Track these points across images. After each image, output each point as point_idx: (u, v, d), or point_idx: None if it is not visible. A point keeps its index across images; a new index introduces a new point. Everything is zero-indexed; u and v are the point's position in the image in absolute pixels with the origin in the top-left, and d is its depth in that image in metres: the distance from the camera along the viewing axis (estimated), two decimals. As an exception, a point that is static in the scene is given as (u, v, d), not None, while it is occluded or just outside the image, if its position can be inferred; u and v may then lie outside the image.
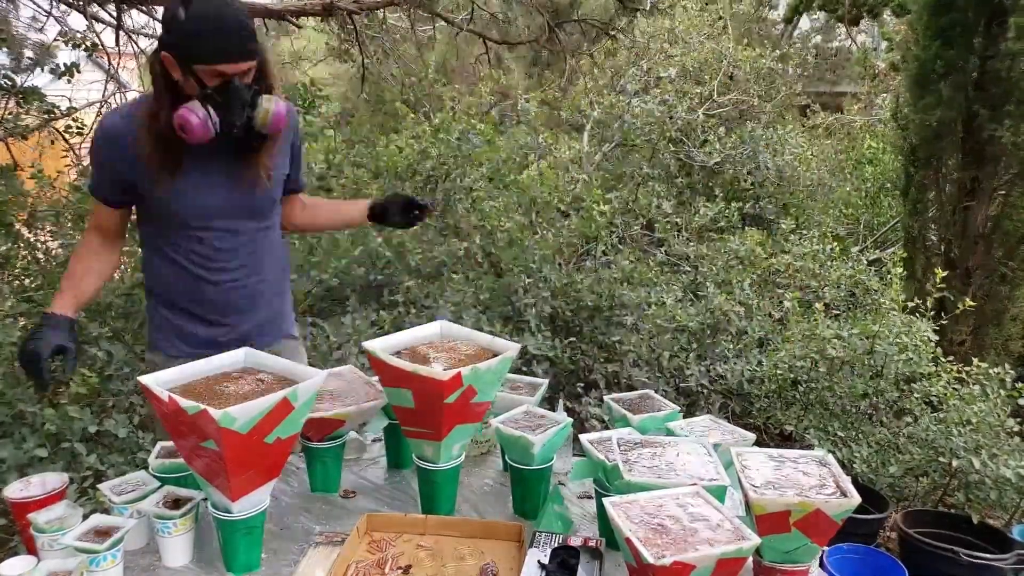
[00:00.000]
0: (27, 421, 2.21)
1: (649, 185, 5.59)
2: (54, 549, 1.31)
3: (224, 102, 1.58)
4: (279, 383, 1.38)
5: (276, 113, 1.64)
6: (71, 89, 4.07)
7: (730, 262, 4.63)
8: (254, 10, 5.03)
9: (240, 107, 1.60)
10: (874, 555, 2.97)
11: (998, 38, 4.29)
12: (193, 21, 1.51)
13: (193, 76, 1.56)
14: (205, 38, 1.52)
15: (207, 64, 1.54)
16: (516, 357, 1.53)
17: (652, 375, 3.71)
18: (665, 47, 6.99)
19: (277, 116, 1.65)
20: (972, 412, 3.24)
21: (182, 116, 1.55)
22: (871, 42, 14.36)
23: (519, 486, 1.61)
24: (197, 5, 1.51)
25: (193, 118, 1.55)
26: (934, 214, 4.76)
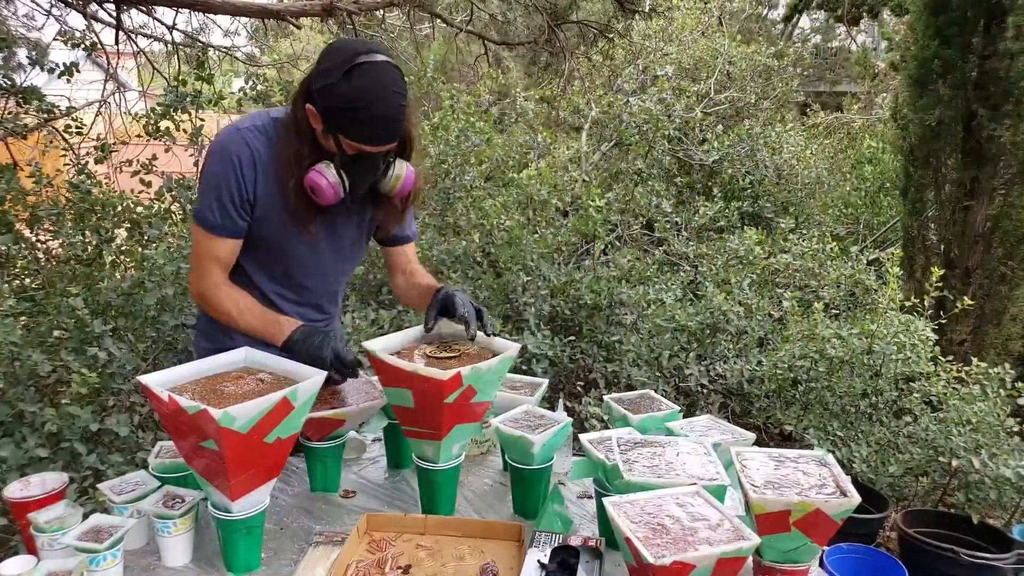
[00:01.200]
0: (27, 421, 2.21)
1: (648, 184, 5.58)
2: (54, 549, 1.31)
3: (359, 172, 1.59)
4: (279, 383, 1.38)
5: (405, 179, 1.65)
6: (70, 89, 4.06)
7: (729, 261, 4.63)
8: (256, 11, 5.03)
9: (372, 177, 1.61)
10: (874, 555, 2.97)
11: (997, 37, 4.29)
12: (350, 96, 1.46)
13: (335, 140, 1.54)
14: (357, 118, 1.49)
15: (351, 141, 1.52)
16: (516, 356, 1.53)
17: (652, 375, 3.71)
18: (661, 45, 6.99)
19: (405, 183, 1.65)
20: (972, 412, 3.24)
21: (312, 180, 1.56)
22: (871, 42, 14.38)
23: (519, 486, 1.61)
24: (358, 81, 1.46)
25: (323, 182, 1.55)
26: (933, 214, 4.76)
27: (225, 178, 1.59)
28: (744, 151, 6.53)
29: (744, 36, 8.37)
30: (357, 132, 1.51)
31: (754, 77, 7.16)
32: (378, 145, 1.54)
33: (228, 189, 1.59)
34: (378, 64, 1.48)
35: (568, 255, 4.71)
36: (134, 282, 2.98)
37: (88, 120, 4.26)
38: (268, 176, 1.62)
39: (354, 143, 1.52)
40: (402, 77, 1.53)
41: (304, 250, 1.73)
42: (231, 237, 1.65)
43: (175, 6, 4.65)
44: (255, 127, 1.63)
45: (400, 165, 1.64)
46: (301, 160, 1.58)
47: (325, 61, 1.51)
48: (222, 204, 1.60)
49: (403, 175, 1.64)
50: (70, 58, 4.03)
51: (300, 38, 8.04)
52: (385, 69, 1.49)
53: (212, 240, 1.64)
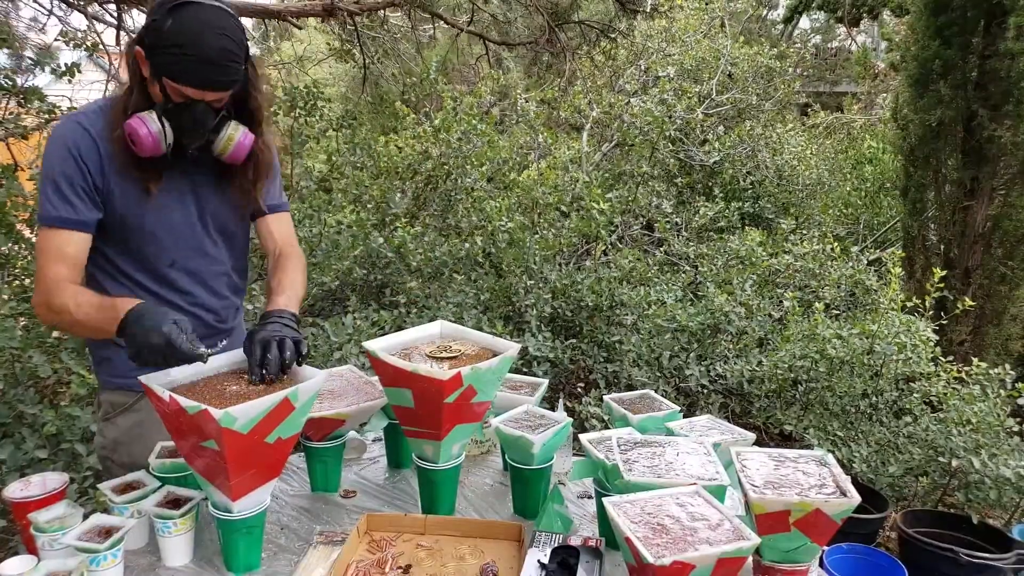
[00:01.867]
0: (27, 422, 2.21)
1: (649, 185, 5.59)
2: (54, 549, 1.31)
3: (183, 121, 1.47)
4: (280, 383, 1.38)
5: (239, 143, 1.54)
6: (72, 89, 4.06)
7: (730, 262, 4.63)
8: (256, 11, 5.03)
9: (199, 131, 1.50)
10: (874, 555, 2.97)
11: (997, 37, 4.30)
12: (173, 34, 1.38)
13: (160, 85, 1.44)
14: (180, 57, 1.39)
15: (175, 82, 1.42)
16: (516, 358, 1.53)
17: (652, 375, 3.71)
18: (663, 46, 6.99)
19: (239, 146, 1.55)
20: (972, 412, 3.24)
21: (130, 127, 1.44)
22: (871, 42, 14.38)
23: (519, 486, 1.61)
24: (184, 18, 1.38)
25: (142, 129, 1.44)
26: (933, 214, 4.76)
27: (62, 167, 1.48)
28: (745, 152, 6.54)
29: (745, 37, 8.37)
30: (177, 71, 1.41)
31: (755, 78, 7.17)
32: (201, 88, 1.43)
33: (67, 177, 1.48)
34: (208, 6, 1.41)
35: (568, 255, 4.71)
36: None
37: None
38: (107, 150, 1.51)
39: (176, 85, 1.42)
40: (238, 26, 1.45)
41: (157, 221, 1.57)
42: (77, 230, 1.50)
43: (175, 6, 4.65)
44: (92, 111, 1.54)
45: (235, 127, 1.54)
46: (126, 110, 1.47)
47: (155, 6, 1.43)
48: (60, 193, 1.48)
49: (237, 137, 1.53)
50: (72, 58, 4.03)
51: (302, 39, 8.04)
52: (214, 11, 1.41)
53: (55, 235, 1.49)
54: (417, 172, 4.69)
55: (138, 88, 1.48)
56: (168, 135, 1.47)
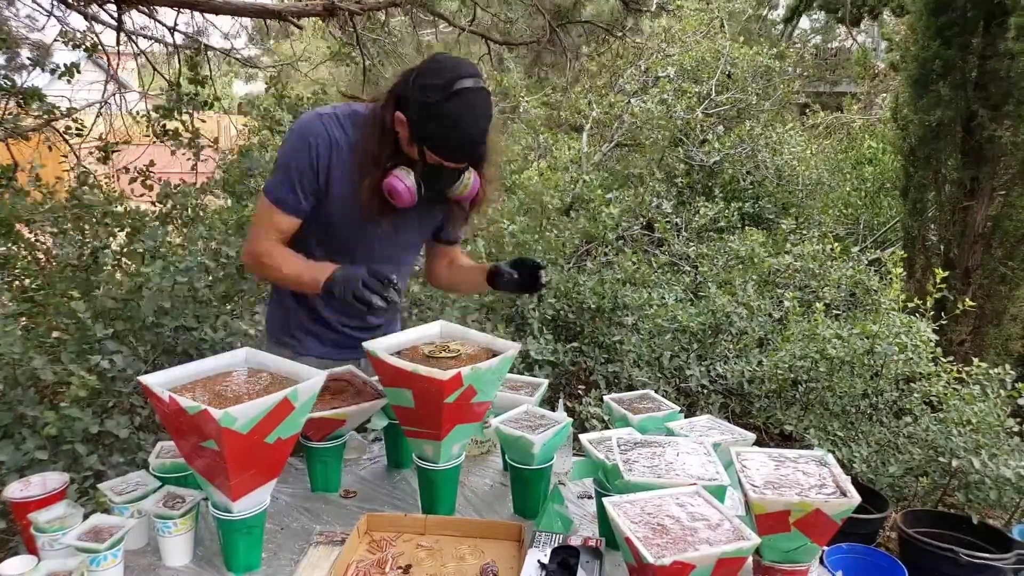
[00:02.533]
0: (27, 422, 2.21)
1: (649, 185, 5.59)
2: (54, 549, 1.31)
3: (435, 182, 1.68)
4: (279, 383, 1.38)
5: (472, 187, 1.74)
6: (71, 90, 4.07)
7: (730, 262, 4.63)
8: (256, 11, 5.03)
9: (446, 185, 1.70)
10: (874, 555, 2.97)
11: (997, 38, 4.30)
12: (446, 117, 1.55)
13: (419, 149, 1.63)
14: (448, 137, 1.58)
15: (438, 156, 1.61)
16: (518, 361, 1.53)
17: (652, 375, 3.71)
18: (662, 46, 6.99)
19: (471, 190, 1.74)
20: (972, 412, 3.24)
21: (391, 184, 1.64)
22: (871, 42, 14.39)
23: (519, 486, 1.61)
24: (456, 103, 1.54)
25: (401, 187, 1.64)
26: (934, 214, 4.76)
27: (298, 159, 1.68)
28: (745, 152, 6.54)
29: (745, 37, 8.37)
30: (445, 151, 1.61)
31: (755, 78, 7.17)
32: (461, 162, 1.65)
33: (300, 170, 1.68)
34: (475, 90, 1.56)
35: (569, 256, 4.71)
36: (131, 288, 2.97)
37: (88, 121, 4.26)
38: (342, 166, 1.70)
39: (439, 158, 1.62)
40: (490, 100, 1.62)
41: (374, 242, 1.82)
42: (293, 215, 1.73)
43: (176, 7, 4.66)
44: (336, 115, 1.71)
45: (470, 174, 1.72)
46: (381, 162, 1.66)
47: (426, 77, 1.58)
48: (291, 183, 1.69)
49: (471, 183, 1.73)
50: (71, 59, 4.03)
51: (301, 39, 8.04)
52: (480, 95, 1.58)
53: (275, 212, 1.72)
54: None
55: (391, 143, 1.66)
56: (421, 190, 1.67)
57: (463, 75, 1.56)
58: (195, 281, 2.92)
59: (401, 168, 1.65)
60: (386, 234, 1.81)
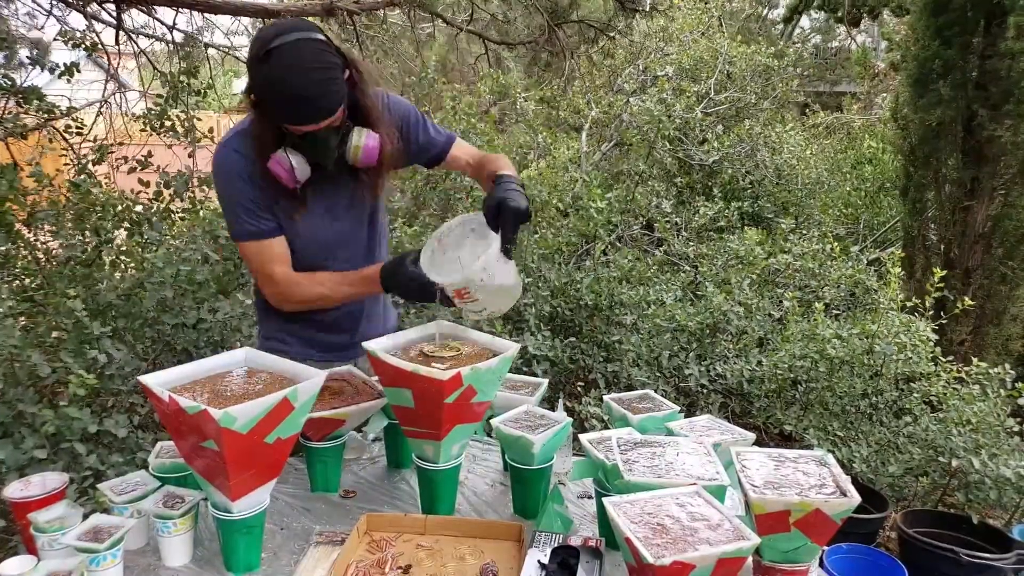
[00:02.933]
0: (27, 421, 2.21)
1: (648, 184, 5.58)
2: (54, 549, 1.31)
3: (312, 150, 1.60)
4: (279, 383, 1.38)
5: (367, 148, 1.64)
6: (71, 89, 4.06)
7: (729, 262, 4.63)
8: (256, 11, 5.03)
9: (329, 153, 1.62)
10: (874, 555, 2.97)
11: (997, 37, 4.29)
12: (268, 82, 1.49)
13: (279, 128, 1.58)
14: (277, 102, 1.51)
15: (284, 124, 1.55)
16: (516, 357, 1.53)
17: (652, 375, 3.71)
18: (661, 46, 6.99)
19: (368, 151, 1.65)
20: (972, 412, 3.24)
21: (272, 169, 1.60)
22: (871, 42, 14.39)
23: (519, 486, 1.61)
24: (273, 64, 1.47)
25: (280, 170, 1.60)
26: (934, 214, 4.76)
27: (236, 191, 1.66)
28: (744, 151, 6.54)
29: (744, 36, 8.37)
30: (282, 115, 1.53)
31: (754, 77, 7.17)
32: (307, 123, 1.53)
33: (245, 197, 1.66)
34: (292, 43, 1.47)
35: (568, 255, 4.71)
36: (134, 283, 2.98)
37: (88, 120, 4.25)
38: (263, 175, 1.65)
39: (287, 125, 1.54)
40: (326, 49, 1.52)
41: (320, 229, 1.76)
42: (274, 236, 1.70)
43: (176, 6, 4.65)
44: (237, 133, 1.68)
45: (359, 134, 1.63)
46: (264, 148, 1.61)
47: (251, 49, 1.52)
48: (249, 211, 1.66)
49: (363, 143, 1.63)
50: (70, 58, 4.02)
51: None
52: (298, 47, 1.47)
53: (261, 245, 1.69)
54: (417, 171, 4.69)
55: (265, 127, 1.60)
56: (301, 166, 1.61)
57: (280, 32, 1.48)
58: (195, 274, 2.94)
59: (279, 150, 1.60)
60: (330, 217, 1.77)
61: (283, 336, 1.91)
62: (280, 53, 1.46)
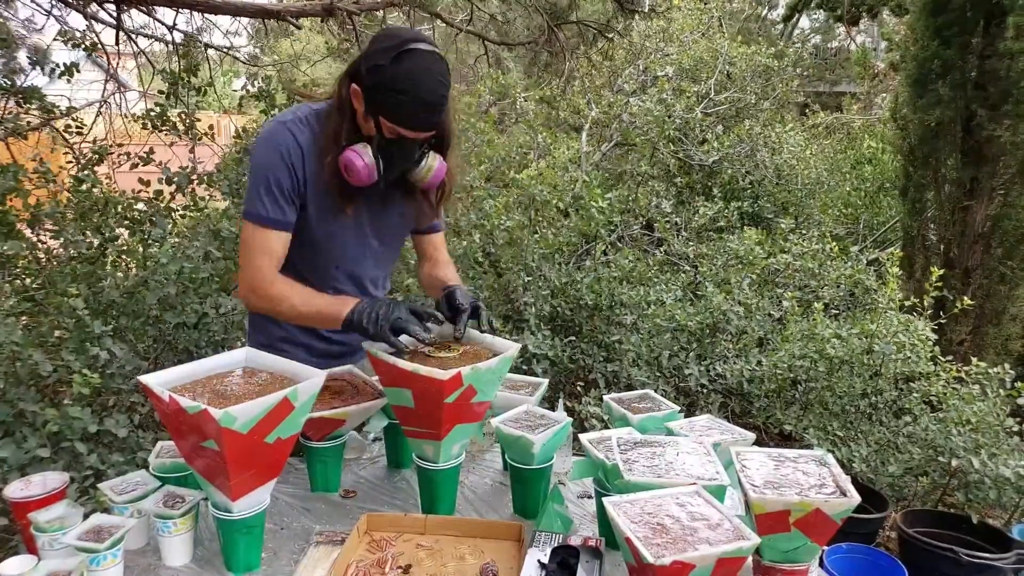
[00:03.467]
0: (28, 420, 2.21)
1: (648, 184, 5.58)
2: (54, 548, 1.31)
3: (395, 157, 1.61)
4: (279, 383, 1.38)
5: (436, 171, 1.67)
6: (70, 89, 4.06)
7: (729, 262, 4.63)
8: (256, 11, 5.03)
9: (407, 162, 1.64)
10: (874, 555, 2.97)
11: (996, 37, 4.30)
12: (396, 79, 1.49)
13: (375, 122, 1.56)
14: (400, 101, 1.51)
15: (393, 123, 1.54)
16: (516, 356, 1.53)
17: (652, 375, 3.71)
18: (660, 46, 6.99)
19: (436, 175, 1.68)
20: (971, 412, 3.24)
21: (348, 158, 1.58)
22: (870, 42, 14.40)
23: (519, 486, 1.61)
24: (407, 65, 1.48)
25: (359, 162, 1.58)
26: (933, 214, 4.76)
27: (272, 169, 1.62)
28: (744, 151, 6.54)
29: (744, 36, 8.37)
30: (399, 114, 1.53)
31: (754, 77, 7.17)
32: (417, 130, 1.56)
33: (276, 179, 1.62)
34: (426, 51, 1.51)
35: (568, 255, 4.72)
36: (137, 281, 2.98)
37: (88, 120, 4.25)
38: (312, 164, 1.64)
39: (394, 126, 1.54)
40: (448, 69, 1.55)
41: (348, 242, 1.76)
42: (282, 230, 1.66)
43: (175, 6, 4.66)
44: (298, 118, 1.66)
45: (433, 157, 1.67)
46: (339, 139, 1.60)
47: (375, 44, 1.54)
48: (272, 195, 1.62)
49: (435, 167, 1.67)
50: (70, 58, 4.03)
51: (300, 38, 8.04)
52: (433, 57, 1.52)
53: (263, 233, 1.64)
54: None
55: (349, 119, 1.61)
56: (380, 167, 1.61)
57: (412, 38, 1.51)
58: (198, 271, 2.95)
59: (359, 144, 1.59)
60: (363, 226, 1.76)
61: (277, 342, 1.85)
62: (420, 56, 1.50)
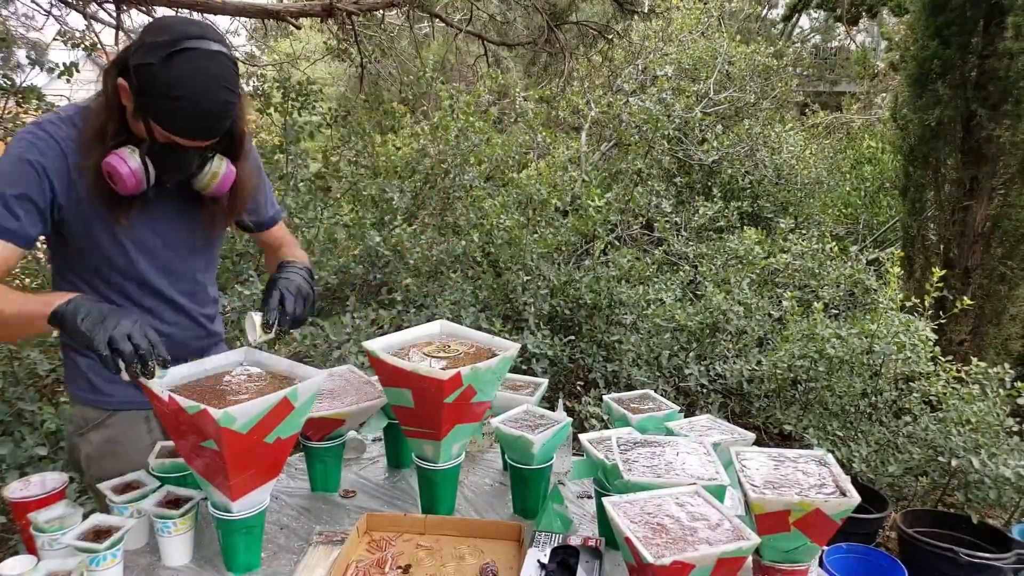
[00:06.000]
0: (26, 420, 2.21)
1: (648, 184, 5.58)
2: (54, 548, 1.31)
3: (168, 163, 1.41)
4: (279, 383, 1.38)
5: (223, 178, 1.48)
6: (70, 89, 4.06)
7: (729, 261, 4.63)
8: (255, 11, 5.03)
9: (184, 171, 1.44)
10: (874, 555, 2.97)
11: (996, 37, 4.30)
12: (169, 82, 1.30)
13: (145, 125, 1.36)
14: (172, 107, 1.32)
15: (165, 130, 1.35)
16: (515, 356, 1.53)
17: (651, 374, 3.71)
18: (660, 46, 6.99)
19: (223, 181, 1.49)
20: (971, 412, 3.24)
21: (110, 164, 1.37)
22: (870, 42, 14.40)
23: (519, 486, 1.61)
24: (184, 68, 1.29)
25: (123, 168, 1.36)
26: (933, 213, 4.76)
27: (17, 177, 1.37)
28: (744, 151, 6.54)
29: (743, 36, 8.37)
30: (171, 122, 1.34)
31: (753, 77, 7.17)
32: (193, 139, 1.37)
33: (18, 188, 1.37)
34: (208, 52, 1.31)
35: (568, 255, 4.72)
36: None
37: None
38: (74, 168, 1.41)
39: (166, 132, 1.35)
40: (236, 71, 1.37)
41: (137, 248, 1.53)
42: (11, 241, 1.37)
43: (175, 6, 4.66)
44: (59, 117, 1.44)
45: (219, 162, 1.47)
46: (103, 138, 1.39)
47: (149, 36, 1.32)
48: (6, 204, 1.36)
49: (221, 173, 1.48)
50: (70, 58, 4.02)
51: (300, 38, 8.04)
52: (215, 59, 1.32)
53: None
54: (415, 171, 4.69)
55: (117, 117, 1.40)
56: (150, 174, 1.40)
57: (193, 35, 1.31)
58: None
59: (126, 148, 1.38)
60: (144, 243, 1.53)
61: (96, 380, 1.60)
62: (194, 58, 1.30)
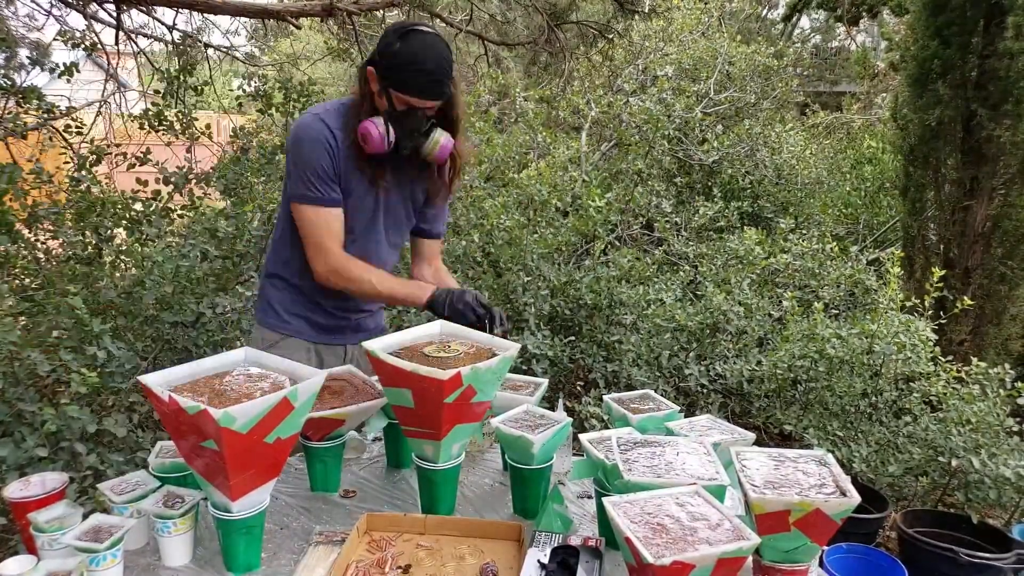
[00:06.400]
0: (27, 420, 2.21)
1: (648, 184, 5.58)
2: (54, 549, 1.31)
3: (404, 126, 1.82)
4: (279, 383, 1.37)
5: (443, 146, 1.87)
6: (70, 89, 4.06)
7: (729, 261, 4.63)
8: (256, 11, 5.03)
9: (415, 134, 1.84)
10: (874, 555, 2.97)
11: (996, 37, 4.29)
12: (403, 55, 1.74)
13: (387, 96, 1.79)
14: (407, 73, 1.76)
15: (401, 93, 1.78)
16: (516, 356, 1.53)
17: (652, 374, 3.71)
18: (660, 45, 6.99)
19: (443, 149, 1.88)
20: (971, 412, 3.23)
21: (365, 127, 1.80)
22: (871, 42, 14.40)
23: (519, 486, 1.61)
24: (412, 42, 1.74)
25: (374, 131, 1.79)
26: (933, 213, 4.76)
27: (312, 156, 1.82)
28: (744, 151, 6.54)
29: (744, 36, 8.37)
30: (407, 83, 1.76)
31: (754, 77, 7.17)
32: (424, 97, 1.78)
33: (319, 164, 1.82)
34: (431, 33, 1.78)
35: (568, 255, 4.71)
36: (134, 280, 2.98)
37: (88, 120, 4.25)
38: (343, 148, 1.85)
39: (403, 95, 1.77)
40: (448, 47, 1.80)
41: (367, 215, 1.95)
42: (336, 207, 1.87)
43: (175, 6, 4.66)
44: (327, 110, 1.87)
45: (440, 132, 1.86)
46: (358, 114, 1.83)
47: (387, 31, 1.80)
48: (320, 179, 1.83)
49: (441, 141, 1.86)
50: (70, 58, 4.02)
51: (300, 38, 8.05)
52: (437, 37, 1.79)
53: (321, 213, 1.85)
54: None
55: (368, 100, 1.84)
56: (391, 136, 1.81)
57: (418, 23, 1.78)
58: (194, 271, 2.95)
59: (375, 117, 1.81)
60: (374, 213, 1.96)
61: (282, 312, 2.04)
62: (422, 36, 1.76)
